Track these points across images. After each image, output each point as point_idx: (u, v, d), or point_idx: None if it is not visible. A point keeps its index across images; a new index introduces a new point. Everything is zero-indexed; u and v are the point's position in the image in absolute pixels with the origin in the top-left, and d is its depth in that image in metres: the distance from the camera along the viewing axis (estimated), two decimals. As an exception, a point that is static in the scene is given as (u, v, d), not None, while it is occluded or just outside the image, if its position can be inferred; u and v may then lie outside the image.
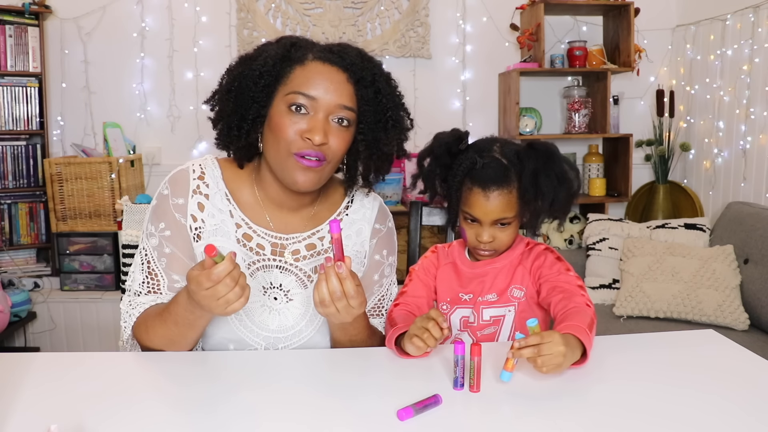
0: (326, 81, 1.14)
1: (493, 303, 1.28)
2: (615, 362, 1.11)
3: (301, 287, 1.22)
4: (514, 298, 1.28)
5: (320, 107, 1.13)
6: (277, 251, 1.23)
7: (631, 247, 2.68)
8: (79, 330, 3.09)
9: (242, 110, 1.16)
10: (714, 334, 1.24)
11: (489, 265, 1.30)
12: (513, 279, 1.28)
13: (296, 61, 1.16)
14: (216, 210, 1.21)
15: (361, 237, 1.29)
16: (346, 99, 1.15)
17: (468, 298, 1.31)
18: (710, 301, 2.39)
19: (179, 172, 1.24)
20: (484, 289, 1.29)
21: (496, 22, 3.39)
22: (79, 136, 3.26)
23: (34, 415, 0.89)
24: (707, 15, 3.18)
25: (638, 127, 3.43)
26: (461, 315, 1.31)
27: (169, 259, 1.20)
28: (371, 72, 1.18)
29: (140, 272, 1.22)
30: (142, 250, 1.23)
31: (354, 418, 0.90)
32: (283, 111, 1.14)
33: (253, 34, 3.27)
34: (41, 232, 3.14)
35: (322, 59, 1.16)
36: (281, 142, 1.13)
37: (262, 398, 0.96)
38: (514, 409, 0.93)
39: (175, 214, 1.20)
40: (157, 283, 1.20)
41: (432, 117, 3.36)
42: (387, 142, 1.20)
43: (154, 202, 1.24)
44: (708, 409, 0.92)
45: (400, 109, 1.22)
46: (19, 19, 2.99)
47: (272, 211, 1.25)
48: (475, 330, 1.30)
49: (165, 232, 1.20)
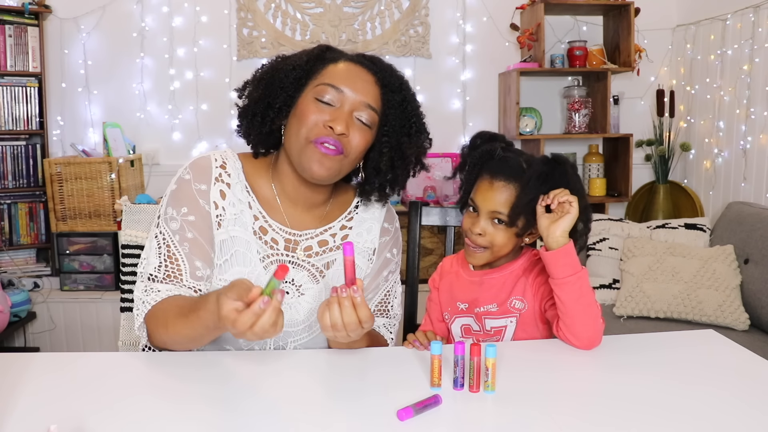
0: (355, 78, 1.20)
1: (494, 313, 1.28)
2: (615, 362, 1.11)
3: (313, 282, 1.24)
4: (515, 309, 1.27)
5: (346, 101, 1.18)
6: (290, 247, 1.25)
7: (631, 247, 2.68)
8: (79, 330, 3.09)
9: (270, 98, 1.20)
10: (714, 334, 1.24)
11: (488, 274, 1.30)
12: (514, 290, 1.28)
13: (330, 61, 1.22)
14: (236, 200, 1.23)
15: (371, 234, 1.31)
16: (372, 99, 1.20)
17: (464, 307, 1.31)
18: (710, 301, 2.39)
19: (201, 159, 1.24)
20: (484, 299, 1.29)
21: (496, 22, 3.39)
22: (79, 136, 3.26)
23: (33, 415, 0.89)
24: (707, 15, 3.18)
25: (638, 127, 3.43)
26: (461, 323, 1.32)
27: (192, 245, 1.18)
28: (399, 80, 1.25)
29: (156, 256, 1.18)
30: (159, 234, 1.19)
31: (354, 418, 0.90)
32: (310, 100, 1.18)
33: (253, 34, 3.27)
34: (41, 232, 3.14)
35: (354, 61, 1.23)
36: (303, 128, 1.16)
37: (262, 398, 0.96)
38: (514, 409, 0.93)
39: (199, 200, 1.20)
40: (178, 268, 1.17)
41: (432, 117, 3.32)
42: (410, 145, 1.24)
43: (174, 186, 1.22)
44: (708, 409, 0.92)
45: (422, 123, 1.28)
46: (19, 19, 2.99)
47: (288, 208, 1.27)
48: (479, 338, 1.30)
49: (189, 216, 1.18)
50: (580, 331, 1.14)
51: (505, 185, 1.22)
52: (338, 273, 1.25)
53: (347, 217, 1.31)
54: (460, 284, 1.33)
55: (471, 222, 1.26)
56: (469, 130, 3.42)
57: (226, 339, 1.19)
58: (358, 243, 1.29)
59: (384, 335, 1.29)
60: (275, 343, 1.22)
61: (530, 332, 1.27)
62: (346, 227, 1.30)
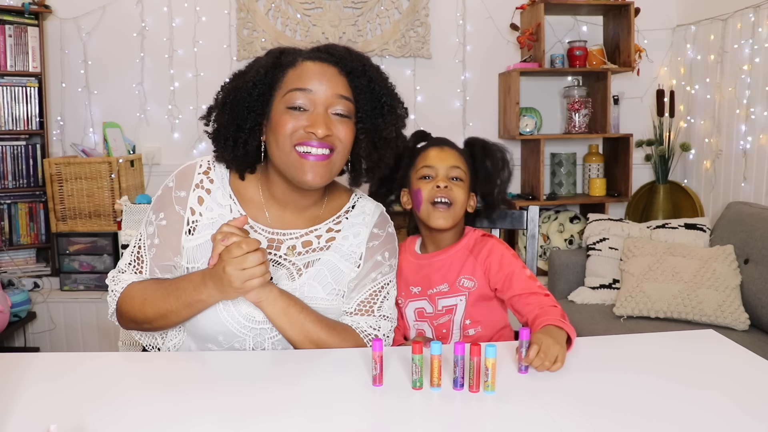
0: (319, 74, 1.18)
1: (445, 293, 1.36)
2: (615, 362, 1.11)
3: (289, 280, 1.24)
4: (464, 288, 1.35)
5: (318, 101, 1.17)
6: (274, 246, 1.25)
7: (631, 247, 2.68)
8: (79, 330, 3.08)
9: (238, 120, 1.19)
10: (714, 334, 1.24)
11: (437, 256, 1.38)
12: (462, 269, 1.36)
13: (288, 65, 1.20)
14: (215, 204, 1.25)
15: (358, 239, 1.30)
16: (342, 89, 1.19)
17: (417, 290, 1.38)
18: (710, 301, 2.39)
19: (187, 167, 1.29)
20: (435, 281, 1.37)
21: (496, 22, 3.39)
22: (79, 136, 3.26)
23: (33, 415, 0.89)
24: (707, 15, 3.18)
25: (638, 127, 3.43)
26: (414, 307, 1.39)
27: (157, 250, 1.24)
28: (361, 63, 1.22)
29: (130, 254, 1.28)
30: (139, 235, 1.29)
31: (353, 417, 0.90)
32: (282, 111, 1.18)
33: (253, 34, 3.27)
34: (41, 232, 3.14)
35: (312, 58, 1.20)
36: (281, 138, 1.17)
37: (261, 398, 0.96)
38: (514, 409, 0.93)
39: (175, 206, 1.24)
40: (141, 269, 1.25)
41: (432, 117, 3.36)
42: (385, 127, 1.23)
43: (159, 192, 1.29)
44: (708, 409, 0.92)
45: (394, 96, 1.26)
46: (19, 19, 2.99)
47: (273, 208, 1.28)
48: (432, 319, 1.37)
49: (162, 221, 1.24)
50: None
51: (451, 148, 1.39)
52: (317, 272, 1.25)
53: (336, 220, 1.31)
54: (410, 269, 1.40)
55: (432, 185, 1.35)
56: (469, 130, 3.42)
57: (218, 330, 1.20)
58: (343, 246, 1.28)
59: (368, 333, 1.25)
60: (254, 340, 1.21)
61: (481, 309, 1.35)
62: (333, 230, 1.29)
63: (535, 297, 1.27)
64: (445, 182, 1.34)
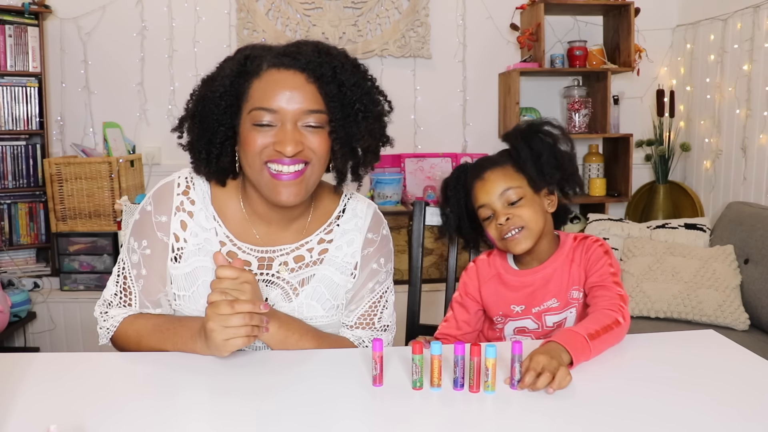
0: (285, 89, 1.09)
1: (555, 309, 1.28)
2: (615, 362, 1.11)
3: (286, 301, 1.20)
4: (573, 300, 1.27)
5: (286, 117, 1.09)
6: (265, 264, 1.21)
7: (631, 247, 2.68)
8: (79, 330, 3.08)
9: (209, 134, 1.13)
10: (714, 334, 1.24)
11: (539, 272, 1.29)
12: (570, 280, 1.27)
13: (252, 75, 1.12)
14: (200, 228, 1.19)
15: (352, 247, 1.24)
16: (311, 102, 1.10)
17: (520, 310, 1.29)
18: (710, 301, 2.39)
19: (164, 187, 1.22)
20: (541, 297, 1.28)
21: (496, 22, 3.39)
22: (79, 136, 3.25)
23: (33, 415, 0.89)
24: (707, 15, 3.18)
25: (638, 127, 3.43)
26: (514, 326, 1.31)
27: (145, 282, 1.21)
28: (331, 66, 1.11)
29: (115, 283, 1.24)
30: (121, 262, 1.24)
31: (353, 417, 0.90)
32: (249, 128, 1.11)
33: (253, 34, 3.27)
34: (41, 232, 3.14)
35: (277, 65, 1.11)
36: (250, 156, 1.11)
37: (261, 398, 0.96)
38: (514, 410, 0.93)
39: (157, 233, 1.19)
40: (129, 302, 1.22)
41: (432, 117, 3.36)
42: (360, 137, 1.14)
43: (137, 216, 1.22)
44: (708, 409, 0.92)
45: (371, 96, 1.15)
46: (19, 19, 2.99)
47: (260, 226, 1.22)
48: (536, 336, 1.29)
49: (146, 250, 1.20)
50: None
51: (492, 170, 1.27)
52: (313, 290, 1.22)
53: (326, 229, 1.24)
54: (510, 287, 1.30)
55: (494, 224, 1.26)
56: (469, 130, 3.42)
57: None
58: (337, 258, 1.23)
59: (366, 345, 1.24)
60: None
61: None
62: (325, 240, 1.23)
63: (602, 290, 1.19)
64: (505, 214, 1.24)
